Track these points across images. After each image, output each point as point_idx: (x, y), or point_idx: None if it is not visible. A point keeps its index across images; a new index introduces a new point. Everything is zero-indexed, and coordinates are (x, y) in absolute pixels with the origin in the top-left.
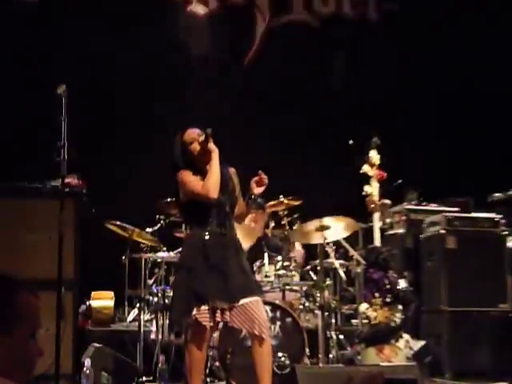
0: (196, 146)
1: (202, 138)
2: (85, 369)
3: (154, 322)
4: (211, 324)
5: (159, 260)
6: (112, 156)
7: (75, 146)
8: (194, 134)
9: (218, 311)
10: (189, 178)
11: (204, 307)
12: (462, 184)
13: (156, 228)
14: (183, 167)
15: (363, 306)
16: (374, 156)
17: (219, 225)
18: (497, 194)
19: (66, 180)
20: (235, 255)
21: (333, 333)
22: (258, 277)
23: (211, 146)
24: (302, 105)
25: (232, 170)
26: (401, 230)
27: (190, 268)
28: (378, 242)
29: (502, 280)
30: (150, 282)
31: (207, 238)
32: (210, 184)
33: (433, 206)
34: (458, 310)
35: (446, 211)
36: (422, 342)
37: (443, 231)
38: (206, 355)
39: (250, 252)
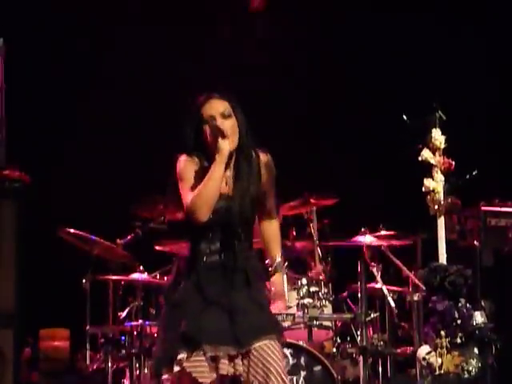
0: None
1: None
2: None
3: (128, 371)
4: (211, 379)
5: (135, 284)
6: (69, 141)
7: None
8: (216, 111)
9: (223, 361)
10: (185, 176)
11: (198, 355)
12: None
13: (129, 238)
14: (189, 150)
15: (423, 350)
16: (438, 137)
17: (224, 245)
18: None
19: (4, 172)
20: (245, 284)
21: None
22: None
23: (222, 142)
24: (334, 70)
25: (265, 159)
26: (476, 242)
27: (178, 303)
28: (443, 258)
29: None
30: (122, 314)
31: (203, 262)
32: (198, 202)
33: None
34: None
35: None
36: None
37: None
38: None
39: None
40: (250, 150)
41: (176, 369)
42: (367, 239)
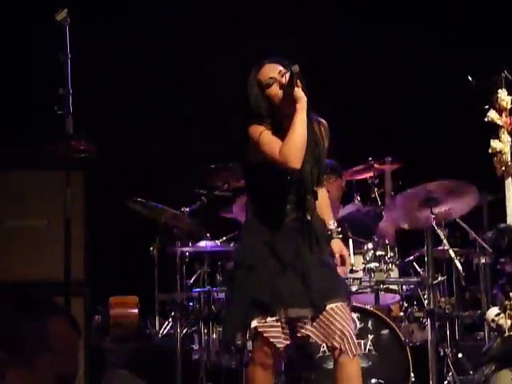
0: (276, 90)
1: (286, 78)
2: None
3: (197, 337)
4: (286, 342)
5: (201, 251)
6: (130, 110)
7: (82, 94)
8: (274, 72)
9: (299, 324)
10: (265, 138)
11: (273, 318)
12: None
13: (195, 207)
14: (255, 120)
15: (492, 312)
16: (505, 97)
17: (298, 207)
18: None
19: (72, 143)
20: (316, 246)
21: (448, 350)
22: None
23: (298, 91)
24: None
25: (324, 125)
26: None
27: (250, 265)
28: (511, 219)
29: None
30: (190, 281)
31: (280, 225)
32: (291, 149)
33: None
34: None
35: None
36: None
37: None
38: None
39: None
40: (312, 112)
41: (251, 333)
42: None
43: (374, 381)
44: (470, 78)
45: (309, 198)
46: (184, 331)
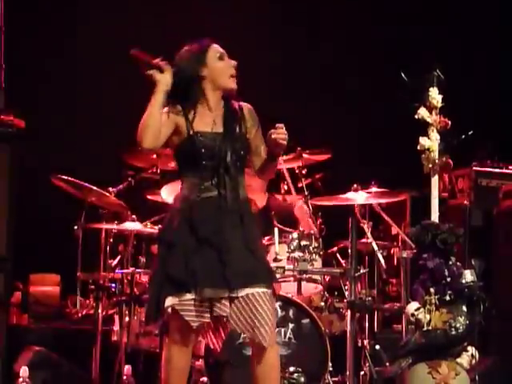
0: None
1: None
2: (20, 380)
3: (117, 318)
4: (201, 320)
5: (126, 232)
6: (66, 89)
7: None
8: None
9: (216, 303)
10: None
11: (188, 296)
12: None
13: (122, 187)
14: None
15: (412, 306)
16: (435, 96)
17: (218, 182)
18: None
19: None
20: (239, 226)
21: (367, 341)
22: None
23: (152, 73)
24: (333, 25)
25: (246, 107)
26: (466, 202)
27: (170, 242)
28: (435, 216)
29: None
30: (113, 262)
31: (197, 198)
32: (140, 131)
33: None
34: None
35: None
36: (494, 359)
37: None
38: (189, 366)
39: None
40: (235, 94)
41: (167, 311)
42: (359, 196)
43: (292, 369)
44: (403, 76)
45: (229, 176)
46: (105, 312)
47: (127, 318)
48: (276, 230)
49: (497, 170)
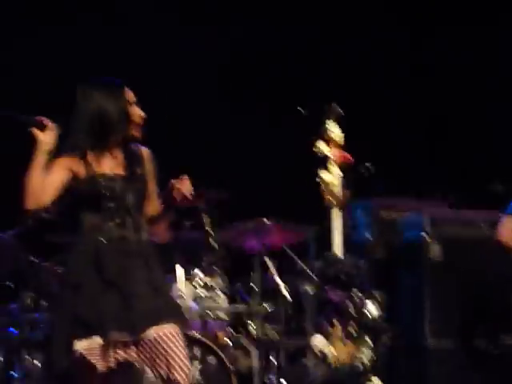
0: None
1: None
2: None
3: (18, 365)
4: (107, 365)
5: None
6: None
7: None
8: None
9: (121, 347)
10: None
11: (95, 340)
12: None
13: (20, 230)
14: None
15: (317, 340)
16: (333, 129)
17: (121, 225)
18: (497, 185)
19: None
20: (144, 267)
21: (274, 377)
22: None
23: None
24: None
25: (145, 151)
26: (367, 235)
27: (76, 284)
28: (338, 250)
29: (508, 302)
30: (14, 306)
31: (101, 242)
32: (24, 189)
33: (411, 202)
34: (447, 346)
35: (430, 208)
36: None
37: (426, 236)
38: None
39: None
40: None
41: (75, 355)
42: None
43: None
44: (300, 109)
45: (131, 218)
46: (4, 358)
47: (28, 363)
48: (179, 268)
49: (396, 203)
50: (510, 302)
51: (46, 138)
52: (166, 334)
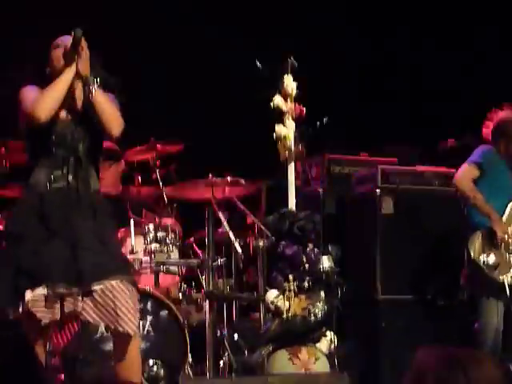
0: (58, 53)
1: (69, 42)
2: None
3: None
4: (52, 317)
5: None
6: None
7: None
8: (66, 38)
9: (69, 299)
10: (27, 93)
11: (40, 291)
12: (401, 129)
13: None
14: (36, 82)
15: (271, 294)
16: (290, 84)
17: (68, 172)
18: (450, 141)
19: None
20: (92, 219)
21: (225, 331)
22: None
23: (80, 53)
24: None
25: (111, 96)
26: (320, 189)
27: (19, 235)
28: (292, 204)
29: (458, 257)
30: None
31: (46, 191)
32: (42, 99)
33: (363, 156)
34: (399, 299)
35: (381, 163)
36: (351, 343)
37: (378, 190)
38: (43, 363)
39: None
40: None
41: (22, 307)
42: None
43: (151, 362)
44: (257, 63)
45: (80, 167)
46: None
47: None
48: (132, 221)
49: (349, 157)
50: (461, 255)
51: (85, 69)
52: (114, 287)
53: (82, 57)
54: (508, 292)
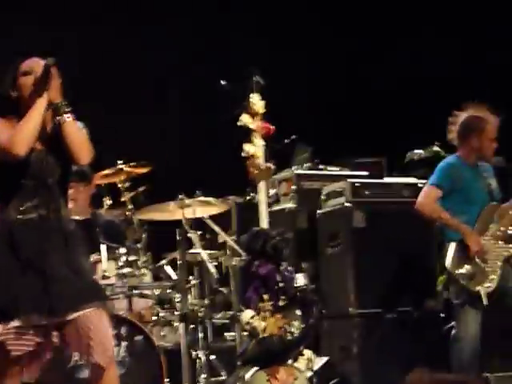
0: (28, 80)
1: (38, 70)
2: None
3: None
4: (25, 348)
5: None
6: None
7: None
8: (37, 64)
9: (40, 329)
10: None
11: (13, 324)
12: (368, 141)
13: None
14: (1, 111)
15: (246, 314)
16: (257, 102)
17: (39, 202)
18: (417, 152)
19: None
20: (63, 248)
21: (201, 352)
22: None
23: (52, 82)
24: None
25: (79, 124)
26: (290, 205)
27: None
28: (264, 222)
29: (430, 267)
30: None
31: (17, 222)
32: (18, 135)
33: (332, 170)
34: (372, 313)
35: (351, 176)
36: (326, 359)
37: (348, 204)
38: None
39: None
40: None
41: None
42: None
43: None
44: (222, 82)
45: (51, 197)
46: None
47: None
48: (103, 246)
49: (317, 172)
50: (431, 268)
51: (56, 97)
52: (88, 316)
53: (53, 85)
54: (484, 301)
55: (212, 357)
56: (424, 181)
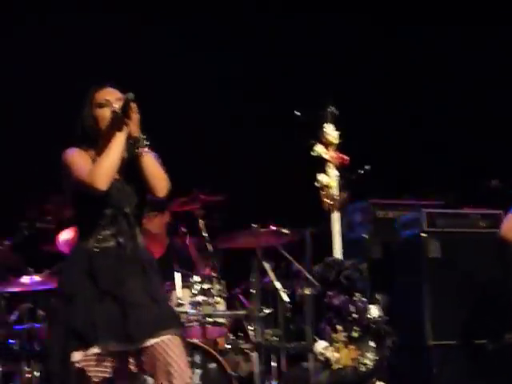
0: (106, 113)
1: (120, 104)
2: None
3: (18, 376)
4: (105, 375)
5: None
6: None
7: None
8: (112, 96)
9: (121, 357)
10: (77, 159)
11: (93, 350)
12: (443, 171)
13: (16, 239)
14: (79, 142)
15: (320, 345)
16: (331, 132)
17: (117, 231)
18: (493, 182)
19: None
20: (141, 276)
21: (274, 382)
22: None
23: (131, 117)
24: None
25: (155, 156)
26: (364, 235)
27: (70, 295)
28: (338, 252)
29: (509, 299)
30: (11, 317)
31: (95, 250)
32: (99, 170)
33: (407, 200)
34: (450, 345)
35: (427, 206)
36: None
37: (423, 234)
38: None
39: None
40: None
41: (73, 366)
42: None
43: None
44: (296, 113)
45: (128, 225)
46: (4, 369)
47: (28, 375)
48: (178, 274)
49: (392, 202)
50: (510, 299)
51: (135, 131)
52: (166, 343)
53: (133, 119)
54: None
55: None
56: (499, 211)
